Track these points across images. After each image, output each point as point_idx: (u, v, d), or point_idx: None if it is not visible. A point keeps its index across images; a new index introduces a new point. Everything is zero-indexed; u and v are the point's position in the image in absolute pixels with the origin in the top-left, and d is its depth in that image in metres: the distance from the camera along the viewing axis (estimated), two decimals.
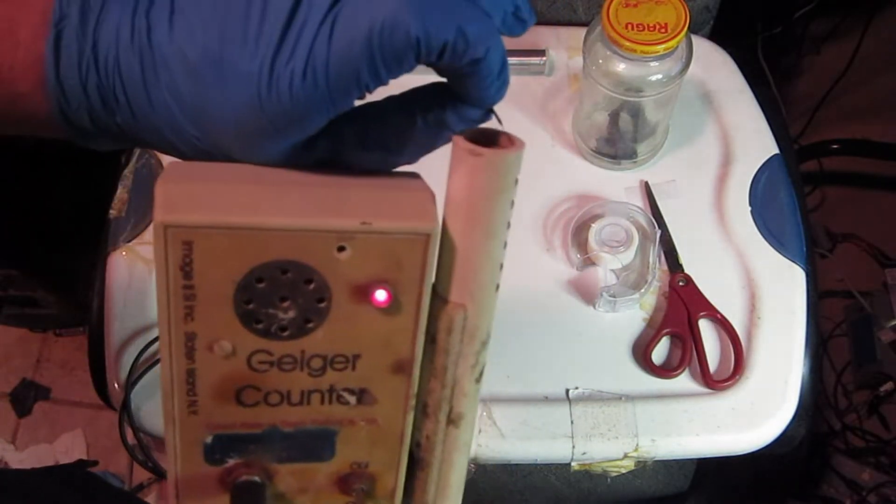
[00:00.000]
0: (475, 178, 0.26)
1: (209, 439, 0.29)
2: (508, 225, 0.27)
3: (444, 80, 0.28)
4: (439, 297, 0.28)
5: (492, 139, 0.27)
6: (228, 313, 0.26)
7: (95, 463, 0.72)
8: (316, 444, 0.30)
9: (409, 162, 0.30)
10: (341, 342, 0.28)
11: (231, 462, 0.29)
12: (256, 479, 0.29)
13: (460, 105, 0.28)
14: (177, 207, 0.25)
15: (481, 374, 0.31)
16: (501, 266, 0.28)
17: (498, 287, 0.29)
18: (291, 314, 0.27)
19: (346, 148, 0.29)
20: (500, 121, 0.29)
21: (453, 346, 0.29)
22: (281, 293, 0.26)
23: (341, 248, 0.26)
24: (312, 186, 0.27)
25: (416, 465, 0.32)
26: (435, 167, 0.30)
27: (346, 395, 0.29)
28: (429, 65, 0.26)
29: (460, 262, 0.27)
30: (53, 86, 0.27)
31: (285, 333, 0.27)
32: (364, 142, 0.29)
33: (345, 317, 0.27)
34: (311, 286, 0.26)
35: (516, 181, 0.26)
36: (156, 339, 0.63)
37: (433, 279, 0.28)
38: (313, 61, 0.25)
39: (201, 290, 0.26)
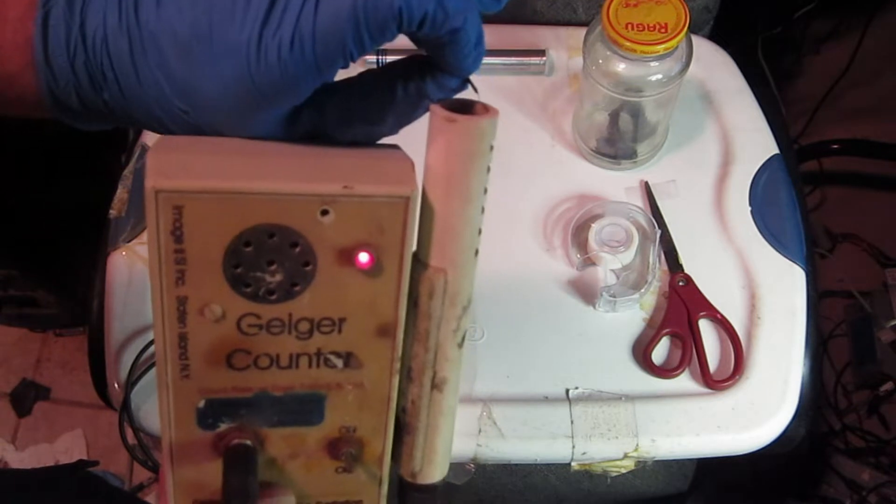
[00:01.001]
0: (452, 144, 0.27)
1: (202, 404, 0.29)
2: (485, 191, 0.29)
3: (423, 52, 0.30)
4: (420, 262, 0.29)
5: (468, 108, 0.28)
6: (218, 277, 0.27)
7: (96, 463, 0.72)
8: (305, 409, 0.30)
9: (390, 133, 0.32)
10: (327, 305, 0.28)
11: (223, 427, 0.30)
12: (248, 442, 0.30)
13: (439, 74, 0.30)
14: (168, 174, 0.26)
15: (463, 338, 0.31)
16: (480, 231, 0.30)
17: (477, 252, 0.30)
18: (278, 277, 0.27)
19: (330, 120, 0.30)
20: (476, 90, 0.31)
21: (435, 309, 0.30)
22: (268, 257, 0.27)
23: (325, 212, 0.27)
24: (297, 156, 0.29)
25: (403, 430, 0.32)
26: (417, 141, 0.31)
27: (333, 358, 0.29)
28: (409, 35, 0.27)
29: (439, 227, 0.28)
30: (42, 65, 0.27)
31: (273, 297, 0.28)
32: (347, 114, 0.30)
33: (330, 280, 0.28)
34: (297, 250, 0.27)
35: (491, 147, 0.28)
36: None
37: (414, 243, 0.29)
38: (300, 31, 0.26)
39: (191, 254, 0.26)
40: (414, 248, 0.29)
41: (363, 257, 0.27)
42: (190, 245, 0.26)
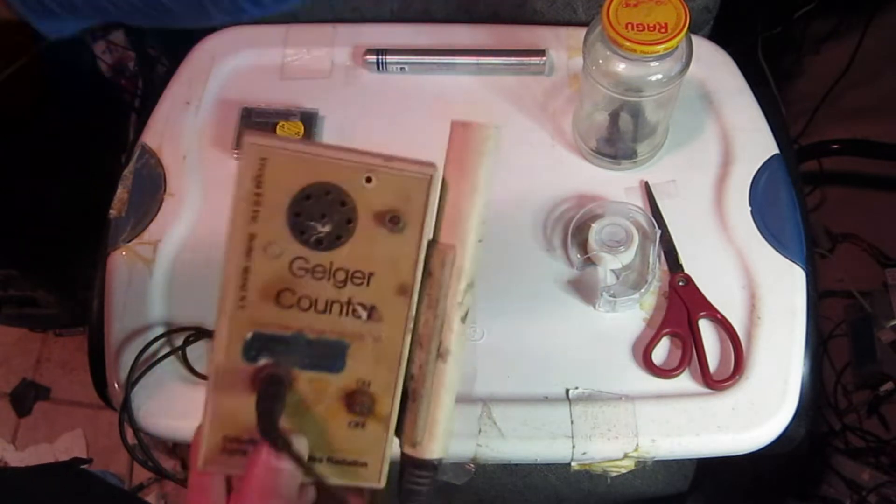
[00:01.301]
0: (465, 142, 0.35)
1: (249, 336, 0.35)
2: (489, 186, 0.36)
3: None
4: (434, 240, 0.36)
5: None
6: (282, 221, 0.34)
7: (90, 461, 0.73)
8: (331, 354, 0.35)
9: None
10: (361, 259, 0.35)
11: (262, 361, 0.35)
12: (280, 373, 0.35)
13: None
14: (260, 136, 0.33)
15: (467, 314, 0.36)
16: (484, 222, 0.36)
17: (482, 241, 0.36)
18: (327, 228, 0.34)
19: None
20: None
21: (444, 279, 0.36)
22: (322, 210, 0.34)
23: (368, 179, 0.34)
24: (352, 146, 0.35)
25: (409, 397, 0.37)
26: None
27: (359, 308, 0.35)
28: None
29: (451, 209, 0.36)
30: None
31: (321, 245, 0.35)
32: None
33: (366, 237, 0.35)
34: (344, 207, 0.34)
35: (496, 147, 0.35)
36: (155, 339, 0.63)
37: (434, 217, 0.35)
38: None
39: (266, 197, 0.34)
40: (433, 226, 0.36)
41: (394, 220, 0.34)
42: (267, 190, 0.33)
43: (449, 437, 0.37)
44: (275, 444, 0.33)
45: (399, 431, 0.37)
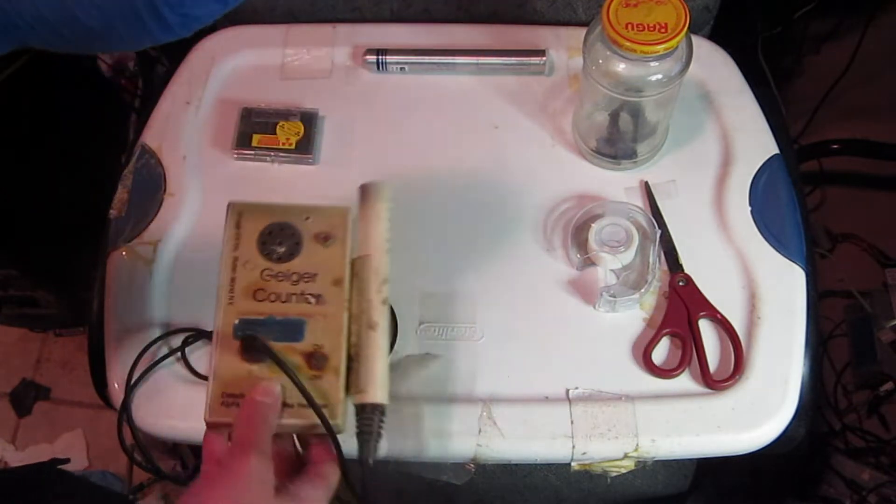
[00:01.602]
0: (369, 193, 0.55)
1: (237, 321, 0.50)
2: (389, 217, 0.54)
3: None
4: (358, 254, 0.53)
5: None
6: (254, 247, 0.52)
7: (67, 461, 0.73)
8: (293, 329, 0.50)
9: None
10: (308, 265, 0.52)
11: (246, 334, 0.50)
12: (254, 334, 0.49)
13: None
14: (238, 200, 0.53)
15: (386, 299, 0.52)
16: (389, 240, 0.53)
17: (388, 249, 0.53)
18: (284, 249, 0.52)
19: None
20: None
21: (366, 275, 0.52)
22: (279, 238, 0.52)
23: (307, 217, 0.53)
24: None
25: (352, 359, 0.50)
26: None
27: (310, 297, 0.51)
28: None
29: (364, 233, 0.53)
30: None
31: (281, 260, 0.51)
32: None
33: (310, 251, 0.52)
34: (294, 235, 0.52)
35: (390, 194, 0.55)
36: (155, 340, 0.63)
37: (351, 235, 0.53)
38: None
39: (243, 235, 0.52)
40: (351, 242, 0.53)
41: (326, 239, 0.52)
42: (243, 230, 0.52)
43: (386, 388, 0.50)
44: (250, 345, 0.48)
45: (349, 388, 0.50)
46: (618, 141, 0.72)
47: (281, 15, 0.82)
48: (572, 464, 0.61)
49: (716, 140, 0.74)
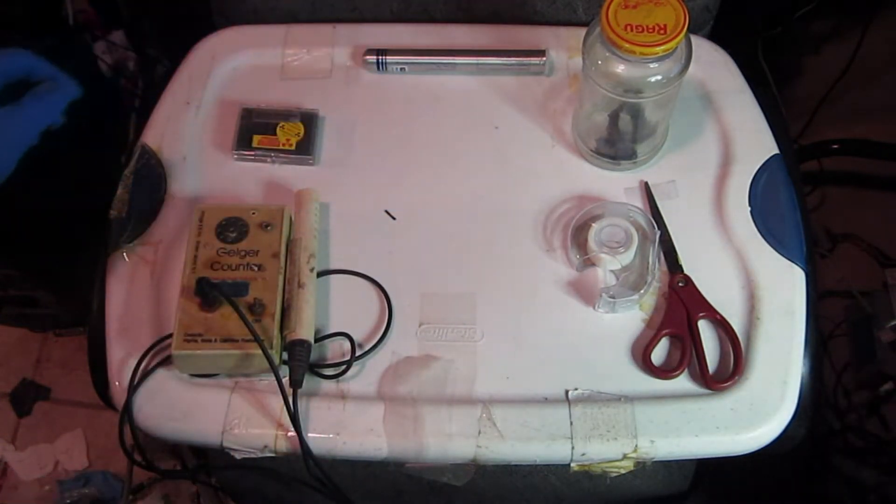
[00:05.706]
0: (302, 196, 0.70)
1: (196, 281, 0.61)
2: (317, 211, 0.70)
3: None
4: (292, 237, 0.68)
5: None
6: (213, 234, 0.66)
7: None
8: (240, 287, 0.63)
9: None
10: (253, 244, 0.65)
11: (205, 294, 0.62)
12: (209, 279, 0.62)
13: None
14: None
15: (314, 268, 0.66)
16: (316, 226, 0.69)
17: (316, 235, 0.68)
18: (234, 234, 0.66)
19: None
20: None
21: (297, 251, 0.66)
22: (231, 227, 0.66)
23: (254, 213, 0.67)
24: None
25: (286, 308, 0.63)
26: None
27: (254, 266, 0.64)
28: None
29: (298, 223, 0.68)
30: None
31: (231, 242, 0.65)
32: None
33: (254, 235, 0.66)
34: (242, 224, 0.66)
35: (317, 197, 0.71)
36: (157, 342, 0.63)
37: (288, 224, 0.68)
38: None
39: (204, 226, 0.66)
40: (289, 230, 0.68)
41: (268, 226, 0.67)
42: (205, 223, 0.66)
43: (311, 330, 0.63)
44: (203, 287, 0.60)
45: (283, 330, 0.62)
46: (617, 141, 0.72)
47: (281, 15, 0.82)
48: (571, 465, 0.61)
49: (716, 140, 0.74)
